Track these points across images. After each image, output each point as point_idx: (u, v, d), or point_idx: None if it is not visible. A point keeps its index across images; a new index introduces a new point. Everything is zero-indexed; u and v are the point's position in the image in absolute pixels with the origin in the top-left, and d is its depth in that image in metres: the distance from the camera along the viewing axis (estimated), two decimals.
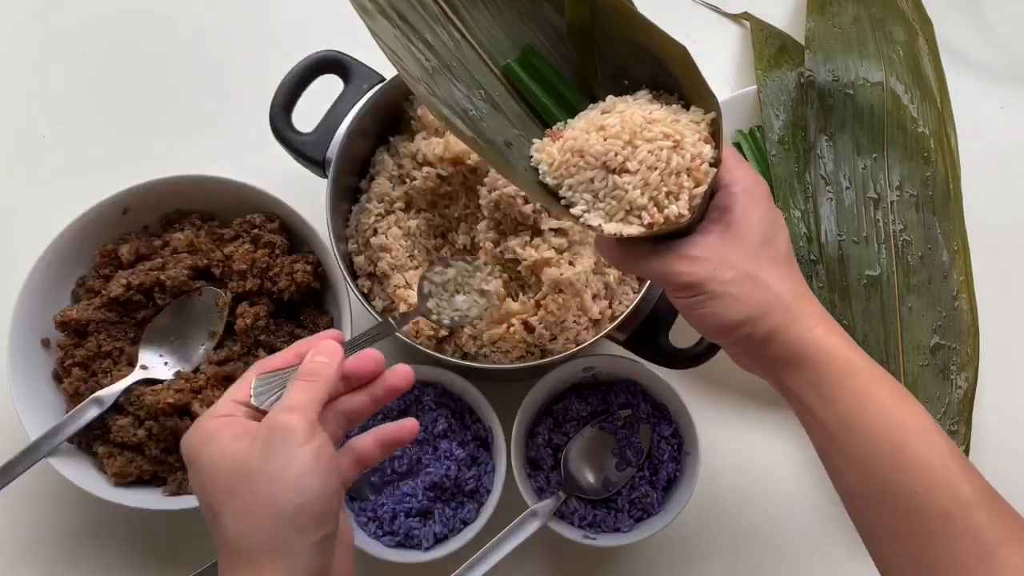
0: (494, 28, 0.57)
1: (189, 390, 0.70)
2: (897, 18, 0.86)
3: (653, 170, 0.50)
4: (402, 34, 0.55)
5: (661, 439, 0.72)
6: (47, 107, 0.88)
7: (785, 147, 0.83)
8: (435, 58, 0.56)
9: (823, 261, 0.79)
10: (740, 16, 0.91)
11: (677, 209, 0.50)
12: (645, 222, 0.51)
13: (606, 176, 0.51)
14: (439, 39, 0.56)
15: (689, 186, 0.51)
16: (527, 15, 0.57)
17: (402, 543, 0.70)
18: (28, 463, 0.67)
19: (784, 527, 0.76)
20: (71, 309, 0.72)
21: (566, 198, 0.53)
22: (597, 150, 0.51)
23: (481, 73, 0.57)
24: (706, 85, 0.52)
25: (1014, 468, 0.79)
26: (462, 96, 0.55)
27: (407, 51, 0.55)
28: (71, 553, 0.75)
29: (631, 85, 0.55)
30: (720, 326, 0.51)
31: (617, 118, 0.52)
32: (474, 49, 0.57)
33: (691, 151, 0.51)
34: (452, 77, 0.56)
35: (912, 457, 0.47)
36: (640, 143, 0.50)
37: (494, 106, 0.56)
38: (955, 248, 0.80)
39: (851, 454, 0.49)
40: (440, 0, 0.56)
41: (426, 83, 0.55)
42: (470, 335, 0.69)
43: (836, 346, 0.50)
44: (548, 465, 0.72)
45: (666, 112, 0.52)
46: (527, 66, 0.57)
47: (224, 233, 0.76)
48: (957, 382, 0.77)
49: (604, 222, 0.51)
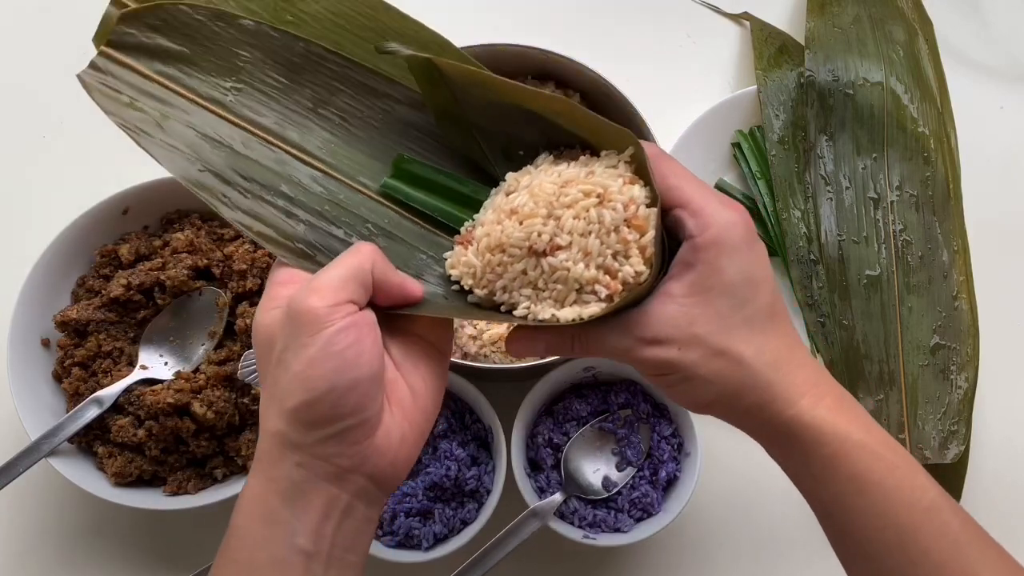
0: (355, 154, 0.50)
1: (189, 390, 0.70)
2: (897, 18, 0.86)
3: (587, 235, 0.44)
4: (255, 198, 0.48)
5: (661, 439, 0.72)
6: (47, 107, 0.88)
7: (785, 147, 0.83)
8: (300, 210, 0.48)
9: (823, 261, 0.79)
10: (740, 16, 0.91)
11: (632, 269, 0.44)
12: (603, 295, 0.44)
13: (538, 262, 0.44)
14: (299, 187, 0.49)
15: (635, 239, 0.44)
16: (384, 127, 0.51)
17: (402, 543, 0.70)
18: (28, 463, 0.67)
19: (784, 527, 0.76)
20: (71, 309, 0.72)
21: (504, 303, 0.46)
22: (518, 237, 0.44)
23: (360, 206, 0.49)
24: (608, 123, 0.45)
25: (1014, 468, 0.80)
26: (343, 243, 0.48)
27: (268, 215, 0.48)
28: (71, 553, 0.75)
29: (527, 154, 0.49)
30: (691, 404, 0.47)
31: (526, 195, 0.45)
32: (343, 183, 0.49)
33: (620, 199, 0.43)
34: (328, 223, 0.48)
35: (923, 545, 0.43)
36: (561, 212, 0.44)
37: (388, 236, 0.49)
38: (955, 248, 0.80)
39: (854, 537, 0.45)
40: (284, 145, 0.49)
41: (301, 244, 0.48)
42: (470, 335, 0.69)
43: (825, 421, 0.44)
44: (548, 465, 0.72)
45: (577, 168, 0.46)
46: (406, 177, 0.50)
47: (224, 233, 0.76)
48: (957, 382, 0.77)
49: (557, 310, 0.44)
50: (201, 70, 0.48)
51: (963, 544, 0.43)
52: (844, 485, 0.44)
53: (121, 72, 0.47)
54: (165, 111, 0.47)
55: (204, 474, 0.72)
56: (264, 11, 0.49)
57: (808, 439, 0.44)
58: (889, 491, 0.44)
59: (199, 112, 0.48)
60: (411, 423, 0.44)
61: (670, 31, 0.91)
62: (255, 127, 0.49)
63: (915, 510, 0.44)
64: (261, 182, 0.48)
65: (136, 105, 0.47)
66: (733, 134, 0.85)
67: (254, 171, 0.48)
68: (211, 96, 0.48)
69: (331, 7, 0.50)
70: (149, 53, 0.47)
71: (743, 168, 0.84)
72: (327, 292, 0.41)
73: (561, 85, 0.77)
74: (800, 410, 0.44)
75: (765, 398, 0.44)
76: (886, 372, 0.77)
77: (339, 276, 0.42)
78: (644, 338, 0.44)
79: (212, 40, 0.48)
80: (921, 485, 0.44)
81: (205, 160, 0.48)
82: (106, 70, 0.47)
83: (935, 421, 0.76)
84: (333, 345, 0.41)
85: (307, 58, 0.49)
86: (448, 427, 0.72)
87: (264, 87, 0.49)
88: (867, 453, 0.44)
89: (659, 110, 0.75)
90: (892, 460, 0.44)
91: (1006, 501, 0.79)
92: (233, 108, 0.48)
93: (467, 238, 0.48)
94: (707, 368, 0.44)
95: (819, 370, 0.46)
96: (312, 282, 0.42)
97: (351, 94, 0.50)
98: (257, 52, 0.49)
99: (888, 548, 0.44)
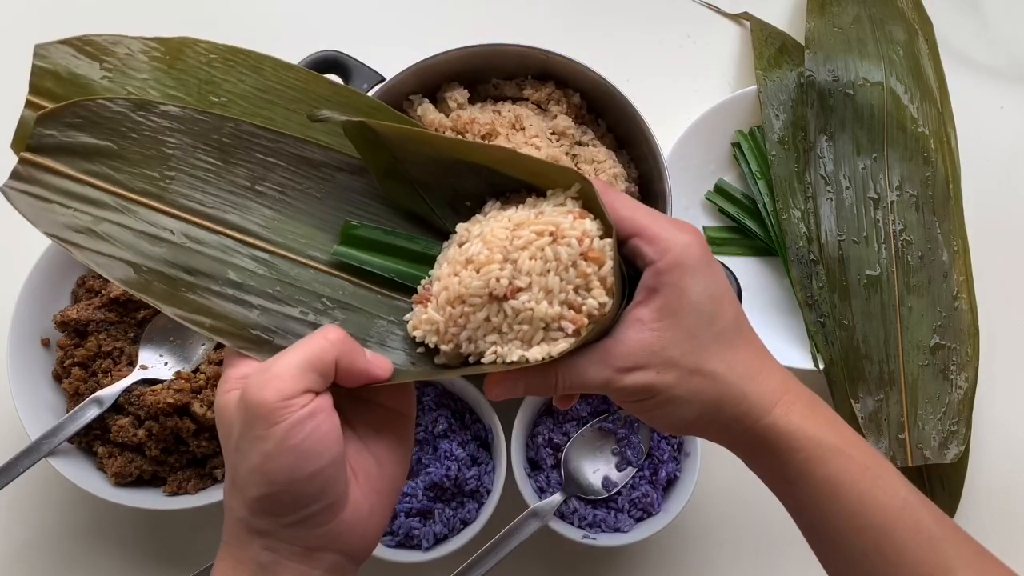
0: (300, 228, 0.49)
1: (189, 390, 0.70)
2: (897, 18, 0.86)
3: (546, 274, 0.44)
4: (203, 291, 0.46)
5: (661, 439, 0.72)
6: None
7: (785, 147, 0.83)
8: (251, 295, 0.47)
9: (823, 261, 0.79)
10: (740, 16, 0.91)
11: (596, 301, 0.44)
12: (570, 331, 0.44)
13: (500, 307, 0.44)
14: (246, 272, 0.47)
15: (594, 271, 0.44)
16: (325, 196, 0.49)
17: (402, 543, 0.70)
18: (28, 463, 0.67)
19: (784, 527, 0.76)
20: (71, 309, 0.72)
21: (471, 353, 0.45)
22: (477, 286, 0.44)
23: (312, 282, 0.48)
24: (549, 164, 0.46)
25: (1014, 468, 0.80)
26: (300, 322, 0.47)
27: (218, 307, 0.46)
28: (71, 553, 0.75)
29: (474, 204, 0.49)
30: (672, 426, 0.47)
31: (479, 243, 0.45)
32: (291, 260, 0.48)
33: (573, 234, 0.44)
34: (282, 304, 0.47)
35: (898, 546, 0.44)
36: (517, 255, 0.44)
37: (345, 307, 0.48)
38: (955, 248, 0.80)
39: (832, 539, 0.46)
40: (225, 229, 0.47)
41: (257, 330, 0.47)
42: None
43: (798, 427, 0.45)
44: (548, 465, 0.72)
45: (526, 210, 0.46)
46: (356, 242, 0.49)
47: None
48: (957, 382, 0.77)
49: (525, 351, 0.44)
50: (129, 163, 0.46)
51: (938, 540, 0.44)
52: (819, 489, 0.45)
53: (46, 177, 0.45)
54: (98, 213, 0.45)
55: (204, 474, 0.72)
56: (188, 95, 0.48)
57: (783, 446, 0.45)
58: (863, 493, 0.44)
59: (133, 208, 0.46)
60: (379, 492, 0.45)
61: (670, 31, 0.91)
62: (193, 214, 0.47)
63: (888, 510, 0.44)
64: (207, 272, 0.46)
65: (67, 211, 0.45)
66: (733, 134, 0.85)
67: (198, 262, 0.46)
68: (143, 189, 0.46)
69: (257, 84, 0.49)
70: (72, 152, 0.45)
71: (743, 168, 0.84)
72: (282, 384, 0.41)
73: (561, 85, 0.77)
74: (774, 418, 0.45)
75: (741, 410, 0.45)
76: (886, 372, 0.77)
77: (296, 365, 0.41)
78: (623, 367, 0.44)
79: (136, 130, 0.46)
80: (893, 485, 0.45)
81: (145, 258, 0.46)
82: (29, 177, 0.44)
83: (935, 421, 0.76)
84: (289, 439, 0.40)
85: (238, 137, 0.48)
86: (448, 427, 0.72)
87: (197, 171, 0.47)
88: (839, 456, 0.45)
89: (659, 110, 0.75)
90: (863, 462, 0.45)
91: (1006, 501, 0.79)
92: (167, 198, 0.47)
93: (425, 296, 0.47)
94: (685, 388, 0.45)
95: (788, 377, 0.47)
96: (267, 372, 0.41)
97: (287, 167, 0.49)
98: (185, 137, 0.47)
99: (865, 549, 0.44)
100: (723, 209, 0.84)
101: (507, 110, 0.75)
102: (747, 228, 0.83)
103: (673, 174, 0.74)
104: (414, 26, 0.90)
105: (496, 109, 0.75)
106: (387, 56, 0.71)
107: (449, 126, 0.73)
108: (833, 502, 0.45)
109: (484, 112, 0.75)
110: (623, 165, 0.76)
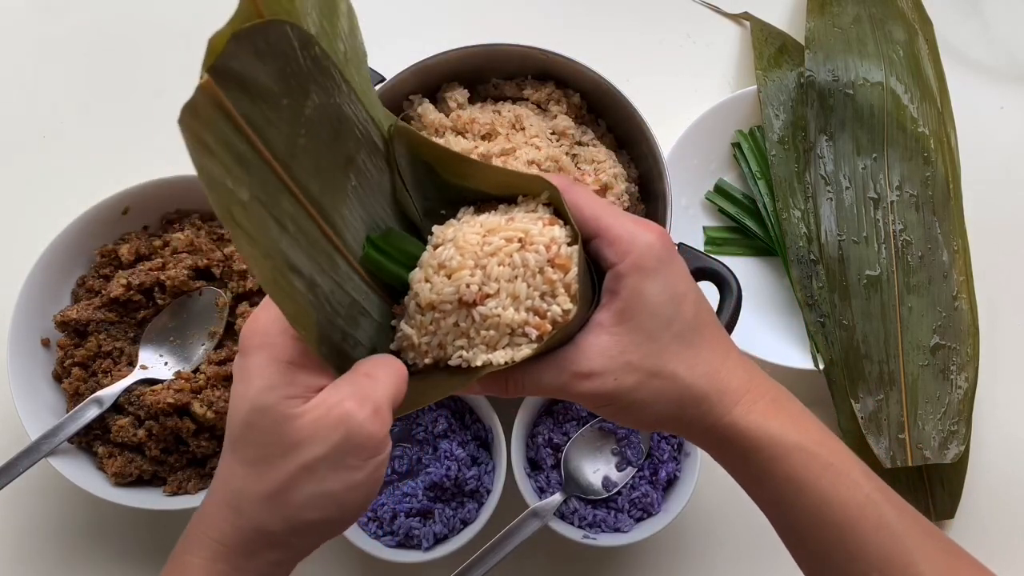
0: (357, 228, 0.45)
1: (189, 390, 0.70)
2: (897, 18, 0.86)
3: (514, 280, 0.44)
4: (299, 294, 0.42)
5: (661, 439, 0.72)
6: (47, 107, 0.88)
7: (785, 147, 0.83)
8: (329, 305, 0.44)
9: (823, 261, 0.79)
10: (740, 16, 0.91)
11: (560, 308, 0.44)
12: (533, 336, 0.44)
13: (469, 312, 0.44)
14: (332, 284, 0.44)
15: (559, 277, 0.44)
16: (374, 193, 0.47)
17: (402, 543, 0.70)
18: (28, 463, 0.67)
19: None
20: (71, 309, 0.72)
21: (440, 359, 0.45)
22: (448, 292, 0.44)
23: (355, 289, 0.45)
24: (516, 173, 0.46)
25: (1014, 468, 0.80)
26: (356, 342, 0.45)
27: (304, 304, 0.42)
28: (71, 553, 0.75)
29: (448, 213, 0.48)
30: (639, 426, 0.48)
31: (451, 248, 0.45)
32: (355, 271, 0.45)
33: (541, 241, 0.44)
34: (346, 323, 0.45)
35: (861, 541, 0.44)
36: (486, 261, 0.44)
37: (364, 315, 0.46)
38: (955, 248, 0.80)
39: (799, 535, 0.46)
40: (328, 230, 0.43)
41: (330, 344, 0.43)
42: None
43: (759, 426, 0.45)
44: (548, 465, 0.72)
45: (498, 216, 0.46)
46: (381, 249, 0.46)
47: (224, 233, 0.76)
48: (957, 382, 0.77)
49: (490, 355, 0.44)
50: (278, 116, 0.39)
51: (900, 536, 0.44)
52: (782, 487, 0.45)
53: (214, 116, 0.37)
54: (241, 175, 0.38)
55: (204, 474, 0.72)
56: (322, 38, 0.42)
57: (745, 445, 0.45)
58: (824, 490, 0.44)
59: (269, 180, 0.40)
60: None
61: (670, 31, 0.91)
62: (308, 199, 0.42)
63: (850, 506, 0.44)
64: (303, 272, 0.42)
65: (219, 165, 0.37)
66: (733, 134, 0.85)
67: (300, 261, 0.42)
68: (280, 153, 0.40)
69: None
70: (244, 88, 0.37)
71: (743, 168, 0.84)
72: (385, 419, 0.41)
73: (561, 85, 0.77)
74: (734, 417, 0.45)
75: (702, 409, 0.45)
76: (886, 372, 0.77)
77: (389, 399, 0.41)
78: (580, 373, 0.44)
79: (295, 76, 0.39)
80: (855, 481, 0.45)
81: (270, 244, 0.40)
82: (203, 112, 0.36)
83: (935, 421, 0.76)
84: (378, 472, 0.41)
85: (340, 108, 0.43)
86: (448, 427, 0.72)
87: (319, 144, 0.42)
88: (802, 453, 0.45)
89: (659, 110, 0.75)
90: (826, 459, 0.45)
91: (1006, 501, 0.79)
92: (294, 169, 0.41)
93: (403, 308, 0.47)
94: (645, 391, 0.45)
95: (752, 373, 0.47)
96: (369, 400, 0.40)
97: (369, 155, 0.45)
98: (320, 95, 0.41)
99: (829, 545, 0.45)
100: (723, 209, 0.84)
101: (507, 110, 0.75)
102: (747, 228, 0.83)
103: (673, 174, 0.74)
104: (414, 26, 0.90)
105: (496, 109, 0.75)
106: (387, 56, 0.71)
107: (449, 126, 0.73)
108: (796, 499, 0.45)
109: (484, 112, 0.75)
110: (623, 165, 0.76)
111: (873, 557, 0.44)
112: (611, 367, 0.44)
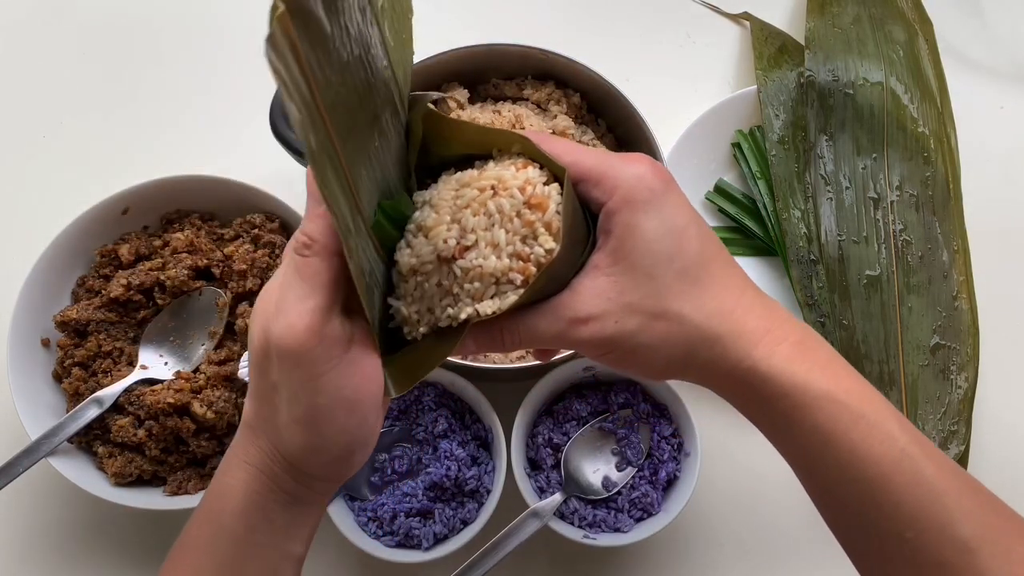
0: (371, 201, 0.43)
1: (189, 390, 0.70)
2: (897, 18, 0.86)
3: (491, 228, 0.42)
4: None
5: (661, 439, 0.72)
6: (47, 107, 0.88)
7: (785, 147, 0.83)
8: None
9: (823, 261, 0.79)
10: (740, 16, 0.91)
11: (542, 248, 0.41)
12: (518, 282, 0.42)
13: (450, 268, 0.42)
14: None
15: (539, 218, 0.41)
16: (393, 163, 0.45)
17: (402, 543, 0.70)
18: (28, 463, 0.67)
19: (784, 527, 0.76)
20: (71, 309, 0.72)
21: (431, 325, 0.43)
22: (426, 252, 0.42)
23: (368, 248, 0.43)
24: (490, 129, 0.44)
25: (1014, 468, 0.80)
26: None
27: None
28: (71, 553, 0.75)
29: (432, 182, 0.47)
30: (648, 373, 0.44)
31: (428, 209, 0.43)
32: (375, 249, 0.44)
33: (515, 184, 0.42)
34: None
35: (895, 497, 0.40)
36: (461, 214, 0.42)
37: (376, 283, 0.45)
38: (955, 248, 0.80)
39: (825, 487, 0.42)
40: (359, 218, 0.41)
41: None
42: None
43: (783, 372, 0.41)
44: (548, 465, 0.72)
45: (473, 172, 0.44)
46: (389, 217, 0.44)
47: (224, 233, 0.76)
48: (957, 382, 0.77)
49: (476, 306, 0.42)
50: (328, 56, 0.36)
51: (939, 493, 0.40)
52: (808, 438, 0.41)
53: (286, 55, 0.33)
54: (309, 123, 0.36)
55: (204, 474, 0.72)
56: None
57: (766, 392, 0.41)
58: (855, 443, 0.40)
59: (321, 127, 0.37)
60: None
61: (670, 31, 0.91)
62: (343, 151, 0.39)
63: (884, 461, 0.40)
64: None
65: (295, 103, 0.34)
66: (733, 134, 0.85)
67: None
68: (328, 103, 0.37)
69: None
70: (307, 25, 0.34)
71: (743, 168, 0.84)
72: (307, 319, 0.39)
73: (561, 85, 0.77)
74: (754, 361, 0.41)
75: (716, 352, 0.41)
76: (886, 372, 0.77)
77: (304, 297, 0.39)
78: (577, 318, 0.41)
79: (345, 12, 0.37)
80: (889, 433, 0.41)
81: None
82: (279, 51, 0.32)
83: (935, 421, 0.76)
84: (322, 371, 0.39)
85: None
86: (448, 427, 0.72)
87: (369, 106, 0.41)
88: (830, 403, 0.41)
89: (659, 110, 0.75)
90: (858, 409, 0.41)
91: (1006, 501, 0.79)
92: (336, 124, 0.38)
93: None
94: (649, 335, 0.41)
95: (772, 312, 0.43)
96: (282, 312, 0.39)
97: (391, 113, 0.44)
98: (359, 42, 0.39)
99: (860, 501, 0.41)
100: (723, 209, 0.84)
101: (507, 110, 0.75)
102: (747, 228, 0.83)
103: (673, 174, 0.74)
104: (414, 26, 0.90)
105: (496, 109, 0.75)
106: None
107: None
108: (824, 453, 0.41)
109: (484, 112, 0.75)
110: None
111: (907, 516, 0.40)
112: (610, 309, 0.41)
